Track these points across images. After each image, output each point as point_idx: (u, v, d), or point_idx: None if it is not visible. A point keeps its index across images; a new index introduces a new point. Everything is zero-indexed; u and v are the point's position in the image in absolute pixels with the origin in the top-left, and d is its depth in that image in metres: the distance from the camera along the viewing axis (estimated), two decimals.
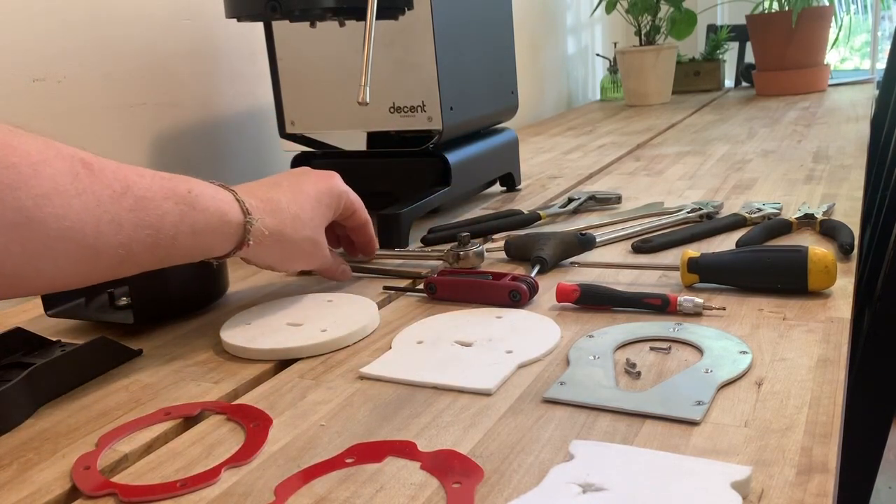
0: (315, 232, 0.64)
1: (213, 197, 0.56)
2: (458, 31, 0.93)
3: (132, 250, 0.51)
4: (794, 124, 1.59)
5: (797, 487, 0.36)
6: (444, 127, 0.90)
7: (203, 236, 0.55)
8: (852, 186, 0.97)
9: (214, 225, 0.56)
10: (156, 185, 0.52)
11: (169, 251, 0.54)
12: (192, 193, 0.54)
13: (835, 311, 0.57)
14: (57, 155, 0.47)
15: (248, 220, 0.58)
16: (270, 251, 0.61)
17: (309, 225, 0.63)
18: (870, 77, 2.49)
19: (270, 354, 0.58)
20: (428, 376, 0.52)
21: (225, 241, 0.57)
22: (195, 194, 0.55)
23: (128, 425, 0.49)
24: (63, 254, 0.47)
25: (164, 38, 1.02)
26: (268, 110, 1.15)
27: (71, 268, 0.48)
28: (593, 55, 2.80)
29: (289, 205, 0.62)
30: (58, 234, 0.46)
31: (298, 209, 0.62)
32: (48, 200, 0.45)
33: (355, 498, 0.39)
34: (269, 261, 0.63)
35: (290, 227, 0.62)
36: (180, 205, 0.53)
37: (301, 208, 0.63)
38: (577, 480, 0.38)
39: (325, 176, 0.67)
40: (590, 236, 0.74)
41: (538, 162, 1.40)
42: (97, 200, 0.48)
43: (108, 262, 0.50)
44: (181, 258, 0.56)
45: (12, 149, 0.45)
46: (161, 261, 0.54)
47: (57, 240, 0.46)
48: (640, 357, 0.53)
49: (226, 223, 0.57)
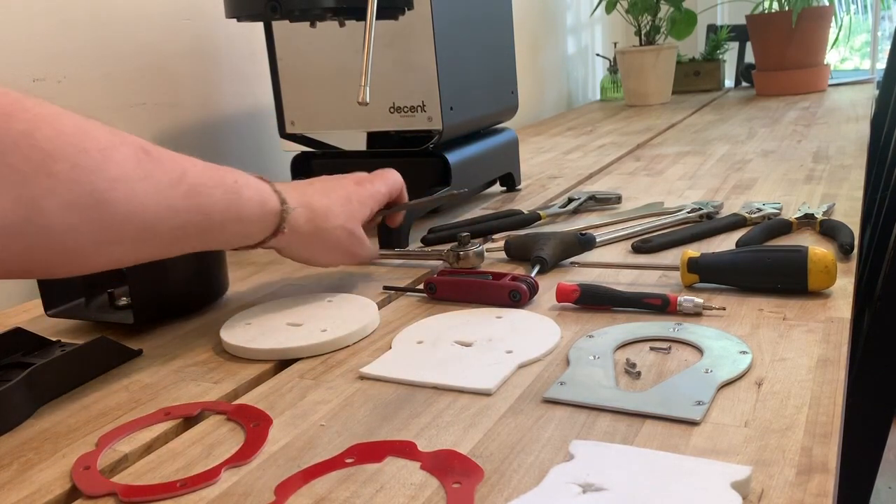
0: (349, 223, 0.67)
1: (255, 187, 0.59)
2: (458, 31, 0.93)
3: (185, 233, 0.54)
4: (794, 124, 1.59)
5: (797, 487, 0.36)
6: (444, 127, 0.90)
7: (246, 224, 0.59)
8: (852, 186, 0.97)
9: (257, 213, 0.59)
10: (207, 173, 0.55)
11: (216, 236, 0.57)
12: (238, 183, 0.58)
13: (835, 311, 0.57)
14: (122, 141, 0.50)
15: (284, 209, 0.61)
16: (306, 242, 0.64)
17: (341, 216, 0.66)
18: (870, 77, 2.49)
19: (270, 354, 0.58)
20: (428, 376, 0.52)
21: (264, 228, 0.61)
22: (241, 184, 0.58)
23: (128, 425, 0.49)
24: (126, 235, 0.50)
25: (164, 38, 1.02)
26: (268, 110, 1.15)
27: (131, 248, 0.51)
28: (593, 55, 2.80)
29: (320, 199, 0.65)
30: (124, 217, 0.49)
31: (330, 202, 0.66)
32: (117, 184, 0.48)
33: (355, 498, 0.39)
34: (306, 253, 0.66)
35: (323, 218, 0.65)
36: (228, 193, 0.56)
37: (332, 202, 0.66)
38: (577, 480, 0.38)
39: (357, 180, 0.71)
40: (590, 236, 0.74)
41: (538, 162, 1.40)
42: (157, 186, 0.51)
43: (163, 244, 0.53)
44: (223, 244, 0.60)
45: (86, 134, 0.47)
46: (206, 245, 0.57)
47: (122, 222, 0.49)
48: (640, 357, 0.53)
49: (266, 211, 0.60)
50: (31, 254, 0.46)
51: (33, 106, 0.45)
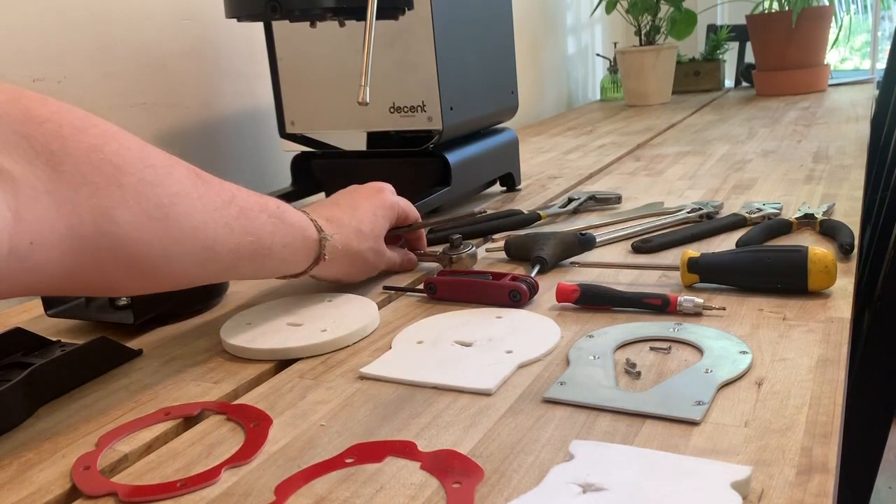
0: (376, 242, 0.69)
1: (296, 214, 0.61)
2: (458, 31, 0.93)
3: (240, 255, 0.55)
4: (794, 124, 1.59)
5: (797, 487, 0.36)
6: (444, 127, 0.90)
7: (290, 250, 0.60)
8: (852, 186, 0.97)
9: (299, 240, 0.61)
10: (252, 198, 0.57)
11: (264, 261, 0.58)
12: (280, 209, 0.59)
13: (835, 311, 0.57)
14: (178, 162, 0.52)
15: (322, 237, 0.63)
16: (340, 265, 0.66)
17: (370, 236, 0.68)
18: (870, 77, 2.49)
19: (270, 354, 0.58)
20: (428, 376, 0.52)
21: (306, 256, 0.62)
22: (282, 210, 0.59)
23: (128, 425, 0.49)
24: (189, 252, 0.51)
25: (164, 38, 1.02)
26: (268, 110, 1.15)
27: (194, 267, 0.52)
28: (593, 55, 2.80)
29: (350, 220, 0.66)
30: (186, 234, 0.50)
31: (359, 223, 0.67)
32: (179, 199, 0.50)
33: (355, 498, 0.39)
34: (338, 274, 0.68)
35: (356, 241, 0.66)
36: (273, 218, 0.58)
37: (361, 222, 0.67)
38: (577, 480, 0.38)
39: (376, 190, 0.72)
40: (590, 236, 0.74)
41: (538, 162, 1.40)
42: (213, 205, 0.53)
43: (221, 266, 0.54)
44: (271, 271, 0.61)
45: (148, 152, 0.49)
46: (257, 270, 0.59)
47: (185, 238, 0.50)
48: (640, 357, 0.53)
49: (307, 238, 0.61)
50: (104, 266, 0.47)
51: (100, 122, 0.47)
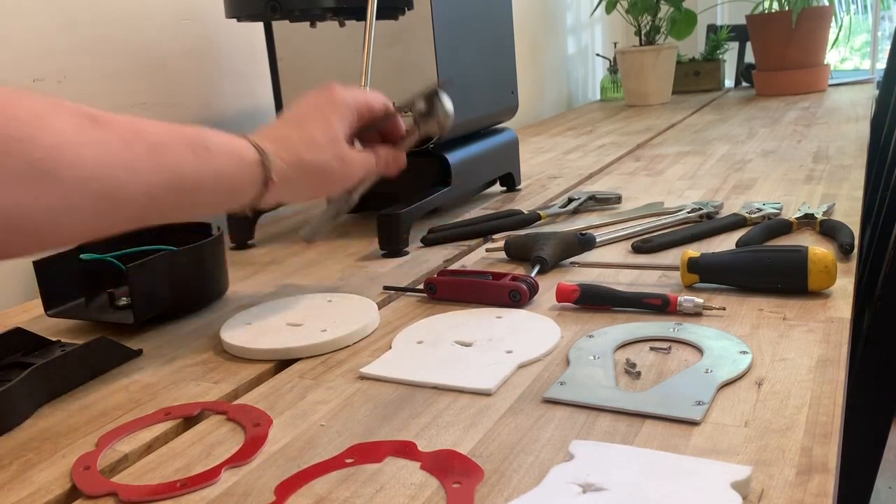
0: (337, 148, 0.62)
1: (224, 139, 0.56)
2: (458, 32, 0.93)
3: (154, 196, 0.51)
4: (794, 124, 1.59)
5: (797, 487, 0.36)
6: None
7: (225, 180, 0.55)
8: (852, 186, 0.97)
9: (234, 166, 0.55)
10: (168, 132, 0.52)
11: (194, 197, 0.53)
12: (202, 136, 0.54)
13: (835, 311, 0.57)
14: (62, 109, 0.47)
15: (263, 158, 0.57)
16: (298, 184, 0.61)
17: (327, 145, 0.62)
18: (870, 77, 2.49)
19: (270, 354, 0.58)
20: (428, 376, 0.52)
21: (249, 182, 0.57)
22: (206, 137, 0.54)
23: (128, 425, 0.49)
24: (81, 205, 0.47)
25: (164, 38, 1.02)
26: (268, 110, 1.15)
27: (92, 219, 0.49)
28: (593, 55, 2.80)
29: (299, 133, 0.61)
30: (73, 185, 0.46)
31: (310, 133, 0.61)
32: (58, 152, 0.46)
33: (355, 498, 0.39)
34: (301, 194, 0.62)
35: (309, 153, 0.60)
36: (197, 149, 0.53)
37: (312, 131, 0.61)
38: (577, 480, 0.38)
39: (323, 91, 0.65)
40: (590, 236, 0.74)
41: (538, 162, 1.40)
42: (108, 149, 0.48)
43: (131, 211, 0.50)
44: (209, 205, 0.56)
45: (13, 104, 0.45)
46: (187, 209, 0.54)
47: (73, 190, 0.46)
48: (640, 357, 0.53)
49: (244, 164, 0.56)
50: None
51: None
